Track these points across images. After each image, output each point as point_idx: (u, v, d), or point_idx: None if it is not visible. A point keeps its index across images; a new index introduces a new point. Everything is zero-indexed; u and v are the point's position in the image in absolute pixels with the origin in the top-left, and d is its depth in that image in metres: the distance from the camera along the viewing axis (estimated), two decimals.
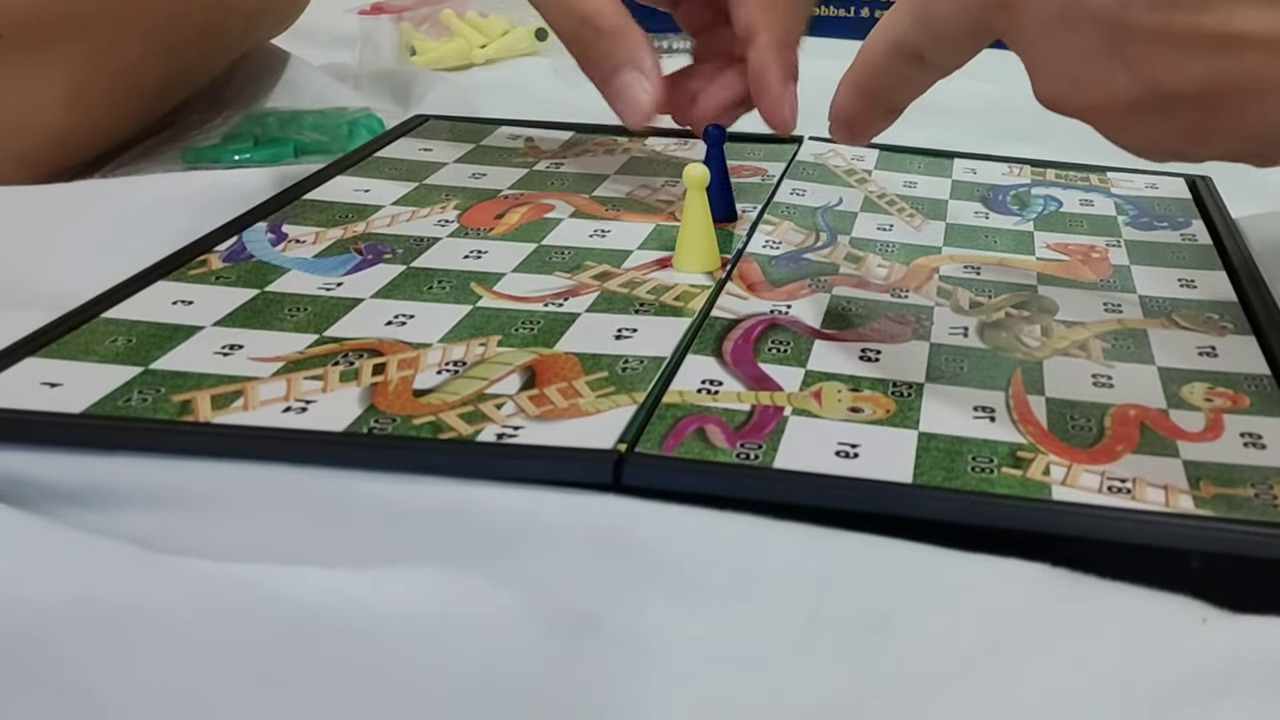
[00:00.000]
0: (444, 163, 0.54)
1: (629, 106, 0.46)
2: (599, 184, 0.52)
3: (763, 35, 0.45)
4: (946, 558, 0.29)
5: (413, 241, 0.45)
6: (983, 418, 0.34)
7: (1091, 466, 0.32)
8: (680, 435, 0.32)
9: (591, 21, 0.46)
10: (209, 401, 0.33)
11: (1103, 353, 0.39)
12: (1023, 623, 0.28)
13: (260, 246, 0.44)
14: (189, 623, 0.27)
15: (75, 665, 0.26)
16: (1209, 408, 0.35)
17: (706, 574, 0.29)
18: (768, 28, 0.45)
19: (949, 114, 0.69)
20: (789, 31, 0.45)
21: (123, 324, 0.38)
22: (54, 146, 0.52)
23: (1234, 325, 0.41)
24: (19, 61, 0.50)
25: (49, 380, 0.34)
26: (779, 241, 0.47)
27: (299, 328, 0.38)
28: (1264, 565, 0.29)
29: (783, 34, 0.45)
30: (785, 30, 0.45)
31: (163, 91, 0.58)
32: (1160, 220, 0.52)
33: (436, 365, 0.36)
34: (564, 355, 0.37)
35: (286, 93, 0.64)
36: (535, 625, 0.28)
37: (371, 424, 0.33)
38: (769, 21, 0.45)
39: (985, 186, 0.55)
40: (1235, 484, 0.31)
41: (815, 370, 0.36)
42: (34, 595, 0.27)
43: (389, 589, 0.29)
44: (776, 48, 0.45)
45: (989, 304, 0.42)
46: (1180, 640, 0.27)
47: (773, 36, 0.45)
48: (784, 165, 0.55)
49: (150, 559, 0.29)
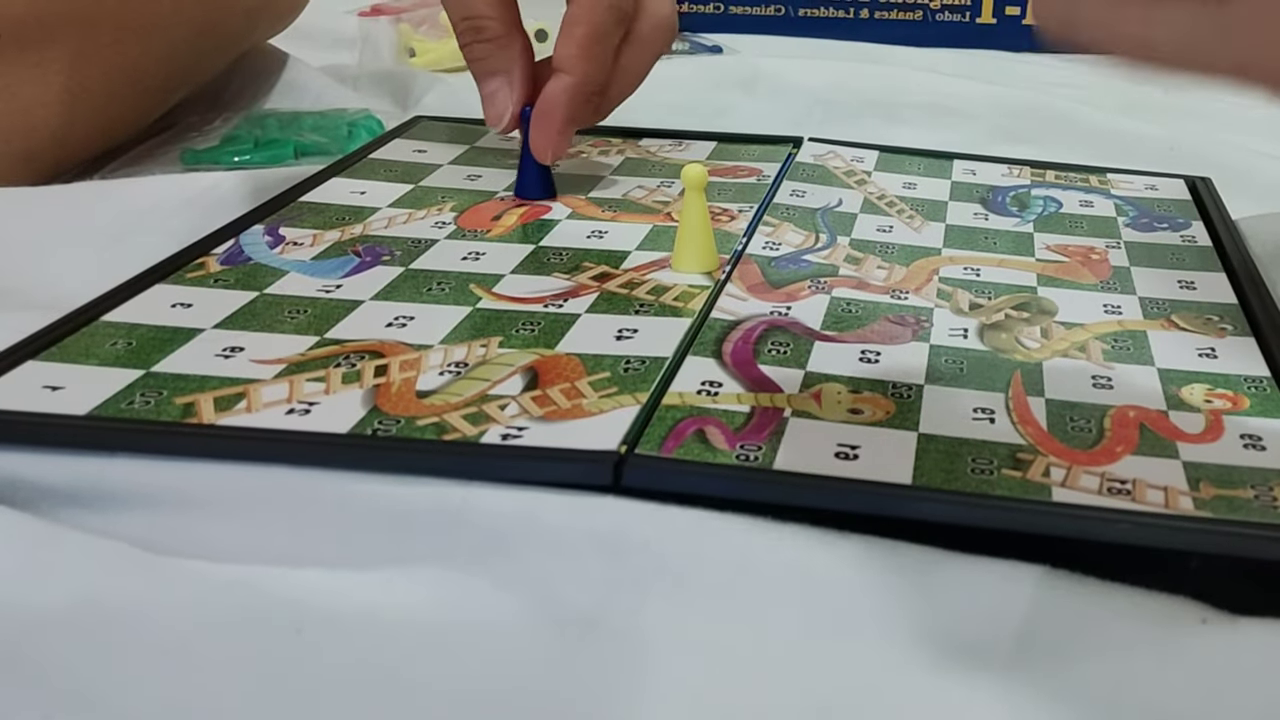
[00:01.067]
0: (439, 164, 0.54)
1: (492, 112, 0.50)
2: (595, 185, 0.53)
3: (568, 77, 0.47)
4: (946, 559, 0.29)
5: (411, 243, 0.45)
6: (982, 419, 0.34)
7: (1091, 468, 0.32)
8: (680, 437, 0.32)
9: (477, 25, 0.48)
10: (212, 404, 0.33)
11: (1102, 354, 0.39)
12: (1023, 624, 0.28)
13: (258, 249, 0.44)
14: (191, 625, 0.27)
15: (77, 668, 0.26)
16: (1209, 409, 0.35)
17: (706, 575, 0.29)
18: (575, 72, 0.47)
19: (949, 114, 0.70)
20: (593, 82, 0.48)
21: (122, 327, 0.38)
22: (52, 145, 0.52)
23: (1234, 327, 0.41)
24: (17, 60, 0.50)
25: (50, 383, 0.34)
26: (779, 243, 0.47)
27: (300, 330, 0.38)
28: (1264, 567, 0.29)
29: (584, 81, 0.48)
30: (588, 79, 0.48)
31: (161, 90, 0.58)
32: (1160, 221, 0.52)
33: (438, 367, 0.36)
34: (566, 356, 0.37)
35: (286, 94, 0.64)
36: (536, 626, 0.28)
37: (375, 425, 0.33)
38: (579, 68, 0.47)
39: (985, 188, 0.55)
40: (1235, 485, 0.31)
41: (815, 371, 0.37)
42: (36, 598, 0.27)
43: (391, 590, 0.29)
44: (571, 92, 0.48)
45: (989, 305, 0.42)
46: (1180, 641, 0.27)
47: (573, 82, 0.48)
48: (778, 165, 0.55)
49: (152, 561, 0.29)
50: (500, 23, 0.48)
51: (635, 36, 0.49)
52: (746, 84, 0.74)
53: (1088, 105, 0.70)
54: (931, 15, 0.90)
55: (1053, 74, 0.81)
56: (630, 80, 0.50)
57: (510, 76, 0.49)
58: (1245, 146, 0.64)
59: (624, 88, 0.50)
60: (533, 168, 0.50)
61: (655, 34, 0.49)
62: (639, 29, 0.49)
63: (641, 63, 0.50)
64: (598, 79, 0.48)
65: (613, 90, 0.50)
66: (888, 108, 0.70)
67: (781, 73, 0.75)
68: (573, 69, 0.47)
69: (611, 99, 0.50)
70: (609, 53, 0.48)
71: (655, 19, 0.49)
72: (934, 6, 0.90)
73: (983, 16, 0.90)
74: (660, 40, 0.50)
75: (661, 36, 0.50)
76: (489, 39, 0.48)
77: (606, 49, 0.48)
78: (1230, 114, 0.71)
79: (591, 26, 0.47)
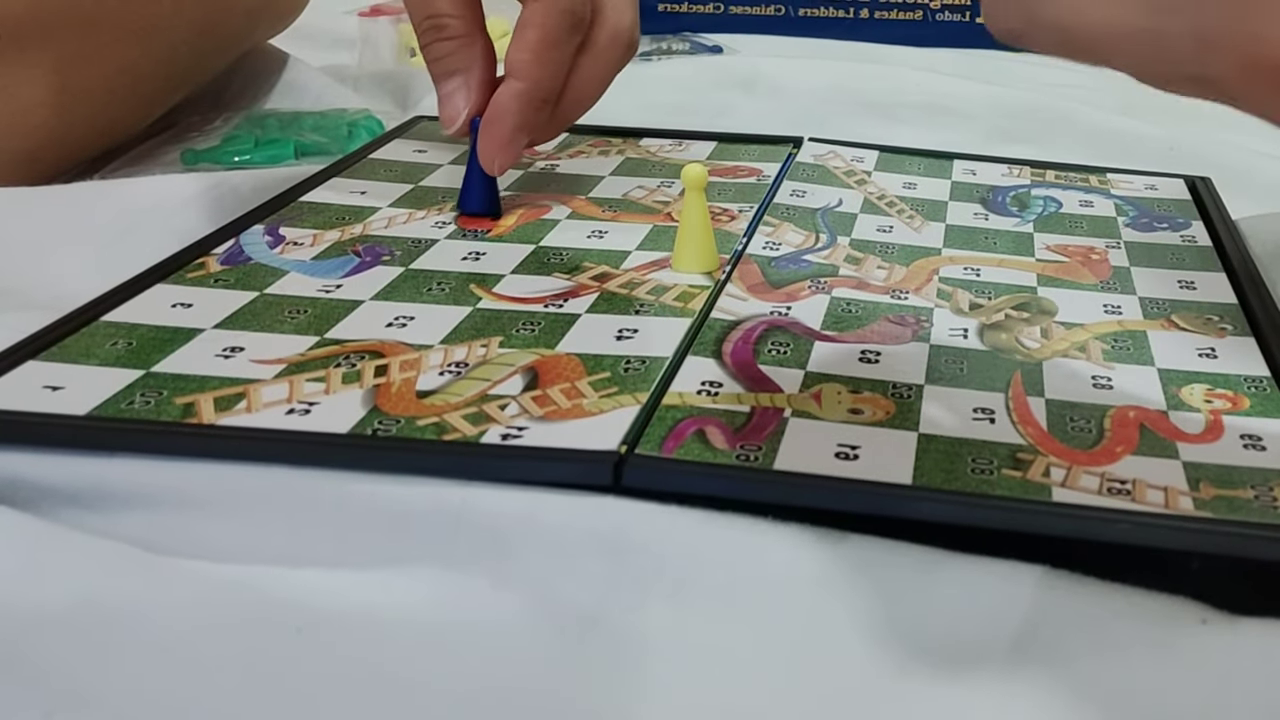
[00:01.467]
0: (439, 164, 0.54)
1: (447, 112, 0.48)
2: (595, 185, 0.53)
3: (518, 83, 0.46)
4: (946, 559, 0.29)
5: (411, 243, 0.45)
6: (982, 419, 0.34)
7: (1091, 468, 0.32)
8: (680, 437, 0.32)
9: (438, 23, 0.47)
10: (212, 404, 0.33)
11: (1102, 354, 0.39)
12: (1022, 624, 0.28)
13: (258, 249, 0.44)
14: (190, 625, 0.27)
15: (76, 668, 0.26)
16: (1209, 409, 0.35)
17: (706, 575, 0.29)
18: (525, 78, 0.46)
19: (948, 114, 0.70)
20: (544, 89, 0.47)
21: (123, 327, 0.38)
22: (52, 145, 0.52)
23: (1234, 327, 0.41)
24: (17, 60, 0.50)
25: (50, 383, 0.34)
26: (779, 243, 0.47)
27: (300, 330, 0.38)
28: (1264, 567, 0.29)
29: (534, 88, 0.46)
30: (540, 86, 0.46)
31: (161, 90, 0.58)
32: (1160, 221, 0.52)
33: (439, 367, 0.36)
34: (566, 356, 0.37)
35: (286, 94, 0.64)
36: (535, 626, 0.28)
37: (376, 425, 0.33)
38: (530, 74, 0.46)
39: (985, 188, 0.55)
40: (1235, 486, 0.31)
41: (815, 371, 0.37)
42: (35, 598, 0.27)
43: (390, 590, 0.29)
44: (521, 99, 0.46)
45: (989, 305, 0.42)
46: (1180, 641, 0.27)
47: (523, 88, 0.46)
48: (778, 166, 0.55)
49: (152, 561, 0.29)
50: (462, 22, 0.47)
51: (592, 45, 0.47)
52: (746, 84, 0.74)
53: (1088, 105, 0.70)
54: (931, 15, 0.90)
55: (1053, 74, 0.81)
56: (587, 91, 0.48)
57: (469, 76, 0.47)
58: (1245, 146, 0.64)
59: (580, 98, 0.48)
60: (478, 180, 0.48)
61: (613, 44, 0.48)
62: (596, 37, 0.47)
63: (598, 73, 0.48)
64: (550, 86, 0.46)
65: (567, 100, 0.48)
66: (887, 108, 0.70)
67: (781, 73, 0.75)
68: (524, 74, 0.46)
69: (566, 110, 0.48)
70: (563, 59, 0.47)
71: (614, 28, 0.48)
72: (934, 6, 0.90)
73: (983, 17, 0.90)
74: (619, 50, 0.48)
75: (620, 47, 0.48)
76: (449, 37, 0.47)
77: (560, 55, 0.46)
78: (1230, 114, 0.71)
79: (544, 30, 0.46)
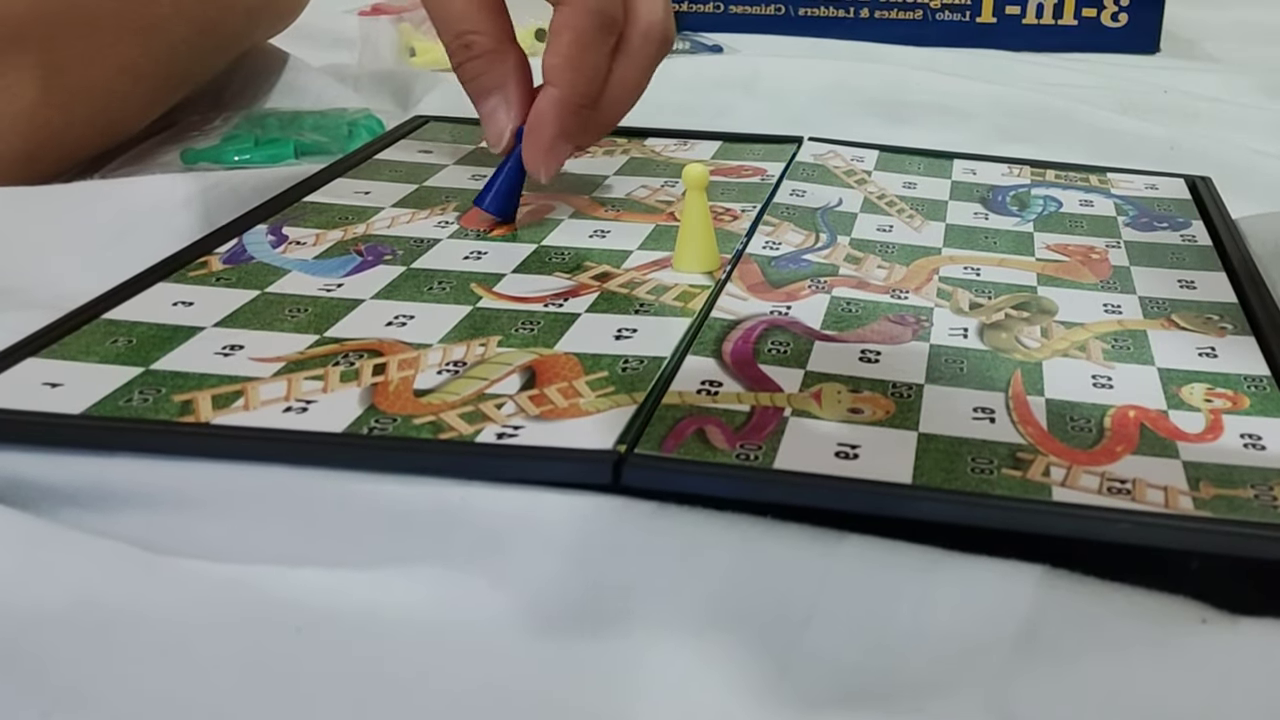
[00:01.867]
0: (444, 165, 0.54)
1: (492, 132, 0.48)
2: (598, 185, 0.53)
3: (555, 90, 0.46)
4: (946, 558, 0.29)
5: (413, 243, 0.45)
6: (982, 419, 0.34)
7: (1091, 467, 0.32)
8: (680, 436, 0.32)
9: (468, 40, 0.47)
10: (209, 402, 0.33)
11: (1102, 354, 0.39)
12: (1022, 624, 0.28)
13: (260, 248, 0.44)
14: (189, 624, 0.27)
15: (75, 667, 0.26)
16: (1209, 408, 0.35)
17: (706, 575, 0.29)
18: (561, 84, 0.46)
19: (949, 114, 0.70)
20: (581, 94, 0.46)
21: (123, 325, 0.38)
22: (52, 145, 0.52)
23: (1234, 326, 0.41)
24: (17, 60, 0.50)
25: (50, 381, 0.34)
26: (779, 242, 0.47)
27: (299, 328, 0.38)
28: (1264, 567, 0.29)
29: (571, 93, 0.46)
30: (576, 91, 0.46)
31: (162, 90, 0.58)
32: (1160, 221, 0.52)
33: (437, 365, 0.36)
34: (564, 355, 0.37)
35: (286, 94, 0.64)
36: (533, 626, 0.28)
37: (372, 424, 0.33)
38: (565, 79, 0.46)
39: (985, 187, 0.55)
40: (1235, 485, 0.31)
41: (815, 371, 0.37)
42: (34, 597, 0.27)
43: (388, 589, 0.29)
44: (559, 106, 0.46)
45: (989, 305, 0.42)
46: (1180, 641, 0.27)
47: (561, 94, 0.46)
48: (783, 165, 0.55)
49: (150, 560, 0.29)
50: (490, 37, 0.47)
51: (627, 44, 0.47)
52: (746, 84, 0.74)
53: (1088, 105, 0.70)
54: (931, 15, 0.90)
55: (1053, 74, 0.81)
56: (625, 93, 0.48)
57: (506, 93, 0.47)
58: (1245, 146, 0.64)
59: (620, 98, 0.48)
60: (506, 183, 0.48)
61: (648, 40, 0.47)
62: (630, 35, 0.47)
63: (635, 72, 0.48)
64: (586, 90, 0.46)
65: (607, 101, 0.47)
66: (888, 107, 0.70)
67: (781, 73, 0.75)
68: (559, 80, 0.45)
69: (607, 111, 0.48)
70: (599, 62, 0.46)
71: (647, 24, 0.47)
72: (934, 6, 0.90)
73: (983, 16, 0.90)
74: (654, 46, 0.48)
75: (655, 42, 0.48)
76: (480, 54, 0.47)
77: (594, 58, 0.46)
78: (1230, 114, 0.71)
79: (576, 34, 0.45)
